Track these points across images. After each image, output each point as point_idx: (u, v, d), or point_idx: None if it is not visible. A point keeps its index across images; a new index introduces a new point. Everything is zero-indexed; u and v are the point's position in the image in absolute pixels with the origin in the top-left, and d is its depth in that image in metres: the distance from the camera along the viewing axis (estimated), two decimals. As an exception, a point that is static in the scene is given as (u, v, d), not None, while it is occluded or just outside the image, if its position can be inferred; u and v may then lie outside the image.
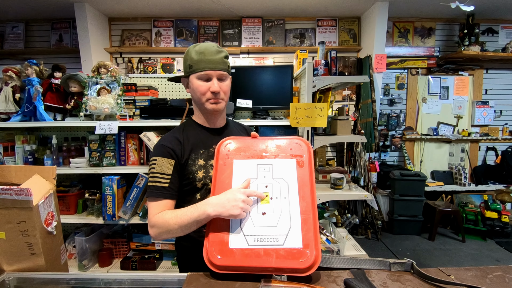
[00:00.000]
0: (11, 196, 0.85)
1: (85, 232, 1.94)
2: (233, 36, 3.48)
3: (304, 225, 0.72)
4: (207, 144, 0.96)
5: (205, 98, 0.92)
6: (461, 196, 3.51)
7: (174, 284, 0.79)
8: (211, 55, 0.89)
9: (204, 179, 0.92)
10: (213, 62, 0.89)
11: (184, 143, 0.93)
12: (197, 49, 0.90)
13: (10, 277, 0.83)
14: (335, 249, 1.92)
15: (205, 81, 0.91)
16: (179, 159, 0.91)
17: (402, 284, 0.72)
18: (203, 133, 0.98)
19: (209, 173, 0.92)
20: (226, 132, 1.03)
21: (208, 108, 0.94)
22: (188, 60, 0.93)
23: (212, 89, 0.90)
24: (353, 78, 2.36)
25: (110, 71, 1.87)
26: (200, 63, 0.89)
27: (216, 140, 0.93)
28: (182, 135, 0.95)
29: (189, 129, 0.99)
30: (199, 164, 0.92)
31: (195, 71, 0.90)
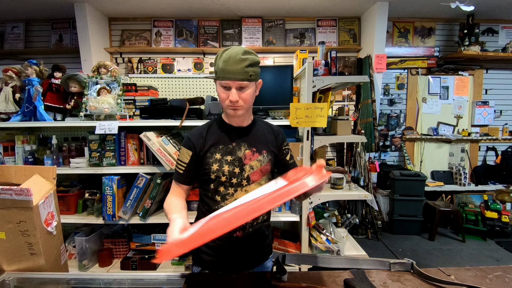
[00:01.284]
0: (11, 196, 0.85)
1: (85, 232, 1.94)
2: (233, 36, 3.48)
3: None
4: (227, 141, 1.02)
5: (225, 104, 0.97)
6: (461, 196, 3.51)
7: (174, 284, 0.79)
8: (233, 64, 0.90)
9: (217, 172, 0.98)
10: (233, 72, 0.90)
11: (206, 138, 1.02)
12: (224, 56, 0.91)
13: (10, 277, 0.83)
14: (335, 249, 1.92)
15: (225, 89, 0.94)
16: (197, 152, 1.01)
17: (402, 284, 0.72)
18: (226, 130, 1.04)
19: (222, 167, 0.98)
20: (251, 131, 1.07)
21: (228, 113, 0.99)
22: (216, 65, 0.96)
23: (230, 99, 0.93)
24: (353, 78, 2.35)
25: (110, 71, 1.87)
26: (222, 72, 0.92)
27: (237, 137, 1.03)
28: (207, 130, 1.04)
29: (215, 125, 1.06)
30: (216, 157, 0.99)
31: (218, 78, 0.94)
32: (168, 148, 1.75)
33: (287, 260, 0.85)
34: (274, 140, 1.10)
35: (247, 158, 1.01)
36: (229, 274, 0.79)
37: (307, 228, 1.91)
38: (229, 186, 1.00)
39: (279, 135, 1.13)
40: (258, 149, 1.04)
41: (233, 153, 1.01)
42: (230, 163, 0.99)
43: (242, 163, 1.00)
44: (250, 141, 1.04)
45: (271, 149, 1.07)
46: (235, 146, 1.02)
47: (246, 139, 1.04)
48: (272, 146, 1.08)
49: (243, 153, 1.01)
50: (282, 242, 2.02)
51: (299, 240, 2.04)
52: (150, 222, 1.89)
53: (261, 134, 1.08)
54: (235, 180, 1.00)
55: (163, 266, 1.96)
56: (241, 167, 1.00)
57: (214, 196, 1.01)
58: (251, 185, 1.01)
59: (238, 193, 1.00)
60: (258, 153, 1.03)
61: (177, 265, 1.96)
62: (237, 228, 0.97)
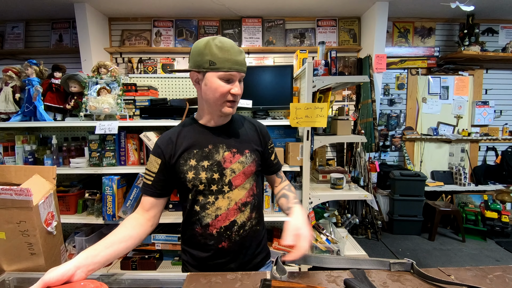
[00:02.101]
0: (11, 196, 0.85)
1: (85, 232, 1.94)
2: (233, 36, 3.48)
3: None
4: (202, 144, 0.90)
5: (224, 100, 0.86)
6: (461, 196, 3.51)
7: (174, 284, 0.79)
8: (236, 55, 0.83)
9: (193, 180, 0.87)
10: (239, 63, 0.83)
11: (177, 143, 0.90)
12: (220, 45, 0.81)
13: (10, 277, 0.84)
14: (335, 249, 1.92)
15: (225, 82, 0.84)
16: (166, 159, 0.89)
17: (402, 284, 0.72)
18: (200, 132, 0.93)
19: (199, 174, 0.87)
20: (228, 129, 0.95)
21: (224, 111, 0.88)
22: (207, 54, 0.81)
23: (234, 92, 0.85)
24: (353, 78, 2.35)
25: (110, 71, 1.87)
26: (225, 62, 0.81)
27: (214, 139, 0.91)
28: (177, 135, 0.92)
29: (187, 128, 0.94)
30: (190, 164, 0.88)
31: (219, 69, 0.82)
32: (168, 148, 1.75)
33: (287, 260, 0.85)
34: (257, 137, 1.00)
35: (227, 161, 0.90)
36: (230, 274, 0.79)
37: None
38: (208, 195, 0.89)
39: (262, 131, 1.02)
40: (239, 149, 0.92)
41: (210, 157, 0.89)
42: (207, 169, 0.88)
43: (222, 167, 0.89)
44: (229, 141, 0.92)
45: (254, 148, 0.96)
46: (212, 149, 0.90)
47: (224, 139, 0.92)
48: (256, 144, 0.98)
49: (221, 156, 0.90)
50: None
51: (299, 240, 2.04)
52: (150, 222, 1.88)
53: (242, 132, 0.96)
54: (215, 187, 0.89)
55: (163, 266, 1.96)
56: (221, 172, 0.89)
57: (193, 207, 0.90)
58: (234, 190, 0.90)
59: (219, 201, 0.89)
60: (240, 153, 0.92)
61: (177, 265, 1.96)
62: (222, 238, 0.90)
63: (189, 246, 0.96)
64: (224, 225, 0.90)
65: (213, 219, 0.89)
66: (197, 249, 0.93)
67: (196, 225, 0.91)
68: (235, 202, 0.91)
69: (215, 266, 0.92)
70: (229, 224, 0.90)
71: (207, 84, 0.85)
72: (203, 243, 0.91)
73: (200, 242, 0.92)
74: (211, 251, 0.91)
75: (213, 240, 0.90)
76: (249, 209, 0.94)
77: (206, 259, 0.92)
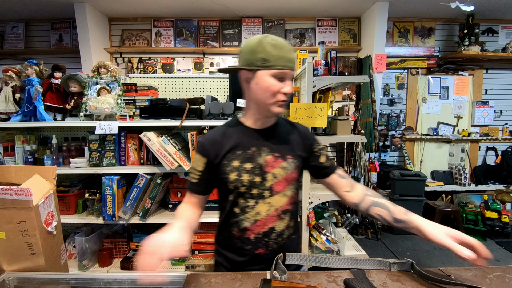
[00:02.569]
0: (11, 196, 0.85)
1: (85, 232, 1.94)
2: (233, 36, 3.48)
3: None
4: (246, 146, 0.89)
5: (275, 99, 0.83)
6: (461, 196, 3.51)
7: (174, 284, 0.79)
8: (289, 52, 0.81)
9: (236, 181, 0.86)
10: (291, 61, 0.81)
11: (222, 143, 0.89)
12: (274, 43, 0.79)
13: (10, 277, 0.83)
14: (335, 249, 1.92)
15: (278, 80, 0.82)
16: (211, 158, 0.89)
17: (402, 284, 0.72)
18: (245, 133, 0.91)
19: (241, 176, 0.85)
20: (272, 132, 0.93)
21: (273, 110, 0.85)
22: (260, 52, 0.79)
23: (285, 91, 0.82)
24: (353, 78, 2.35)
25: (110, 71, 1.87)
26: (279, 60, 0.79)
27: (257, 141, 0.90)
28: (222, 135, 0.91)
29: (232, 128, 0.93)
30: (233, 165, 0.86)
31: (272, 67, 0.80)
32: (168, 148, 1.75)
33: (287, 260, 0.85)
34: (301, 142, 0.95)
35: (269, 165, 0.87)
36: (230, 274, 0.79)
37: (307, 228, 1.91)
38: (249, 198, 0.87)
39: (307, 135, 0.97)
40: (281, 154, 0.89)
41: (253, 159, 0.87)
42: (249, 172, 0.86)
43: (263, 171, 0.87)
44: (272, 145, 0.90)
45: (298, 154, 0.93)
46: (255, 151, 0.88)
47: (267, 142, 0.90)
48: (300, 149, 0.94)
49: (264, 160, 0.87)
50: (282, 242, 2.02)
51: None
52: (150, 222, 1.89)
53: (285, 136, 0.93)
54: (256, 191, 0.86)
55: (163, 266, 1.96)
56: (263, 175, 0.86)
57: (233, 208, 0.89)
58: (275, 196, 0.88)
59: (259, 205, 0.87)
60: (282, 159, 0.89)
61: (177, 265, 1.96)
62: (260, 244, 0.87)
63: (224, 248, 0.94)
64: (262, 231, 0.87)
65: (252, 223, 0.87)
66: (232, 252, 0.91)
67: (233, 227, 0.90)
68: (275, 208, 0.88)
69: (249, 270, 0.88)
70: (268, 230, 0.88)
71: (258, 83, 0.83)
72: (239, 247, 0.89)
73: (236, 246, 0.90)
74: (247, 256, 0.89)
75: (250, 245, 0.88)
76: (289, 217, 0.92)
77: (242, 263, 0.90)
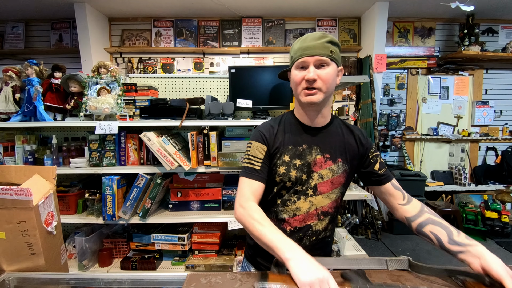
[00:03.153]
0: (11, 196, 0.85)
1: (85, 232, 1.94)
2: (233, 36, 3.48)
3: None
4: (298, 142, 0.88)
5: (300, 88, 0.84)
6: (461, 196, 3.51)
7: (174, 284, 0.79)
8: (311, 41, 0.81)
9: (283, 176, 0.87)
10: (311, 48, 0.80)
11: (277, 134, 0.90)
12: (301, 39, 0.84)
13: (10, 277, 0.84)
14: (335, 249, 1.92)
15: (301, 70, 0.83)
16: (270, 147, 0.89)
17: (402, 284, 0.72)
18: (298, 129, 0.91)
19: (290, 171, 0.86)
20: (325, 132, 0.91)
21: (302, 100, 0.84)
22: (291, 51, 0.87)
23: (306, 77, 0.81)
24: (353, 78, 2.36)
25: (110, 71, 1.87)
26: (298, 51, 0.82)
27: (309, 139, 0.89)
28: (278, 126, 0.91)
29: (286, 122, 0.93)
30: (283, 159, 0.87)
31: (294, 60, 0.84)
32: (168, 148, 1.75)
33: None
34: (356, 146, 0.92)
35: (317, 164, 0.87)
36: (229, 274, 0.79)
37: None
38: (292, 193, 0.88)
39: (362, 140, 0.93)
40: (332, 156, 0.88)
41: (303, 156, 0.87)
42: (298, 168, 0.86)
43: (311, 170, 0.87)
44: (324, 145, 0.89)
45: (349, 158, 0.91)
46: (306, 149, 0.88)
47: (319, 142, 0.89)
48: (352, 154, 0.91)
49: (313, 158, 0.87)
50: (282, 242, 2.02)
51: (299, 240, 2.04)
52: (150, 222, 1.89)
53: (339, 138, 0.91)
54: (300, 188, 0.87)
55: (163, 266, 1.96)
56: (309, 174, 0.87)
57: (275, 198, 0.90)
58: (317, 196, 0.88)
59: (300, 202, 0.87)
60: (332, 161, 0.88)
61: (177, 265, 1.96)
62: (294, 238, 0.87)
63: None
64: (299, 226, 0.88)
65: (290, 216, 0.88)
66: None
67: (272, 215, 0.90)
68: (316, 208, 0.88)
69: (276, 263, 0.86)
70: (304, 227, 0.88)
71: (291, 79, 0.88)
72: None
73: None
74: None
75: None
76: (328, 219, 0.91)
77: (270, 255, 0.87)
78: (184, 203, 1.97)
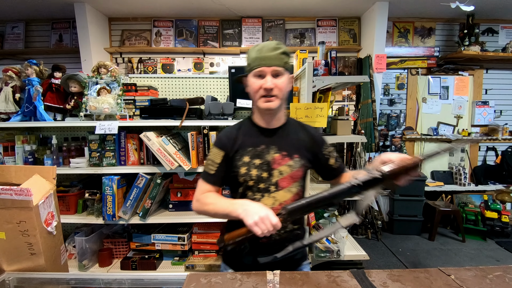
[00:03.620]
0: (11, 196, 0.85)
1: (85, 232, 1.94)
2: (233, 36, 3.48)
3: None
4: (256, 143, 0.97)
5: (258, 95, 0.92)
6: (461, 196, 3.51)
7: (174, 284, 0.79)
8: (267, 51, 0.89)
9: (245, 175, 0.93)
10: (268, 58, 0.89)
11: (236, 138, 0.97)
12: (257, 48, 0.92)
13: (10, 277, 0.84)
14: (335, 249, 1.92)
15: (259, 78, 0.91)
16: (228, 152, 0.96)
17: (402, 284, 0.72)
18: (255, 132, 0.99)
19: (250, 171, 0.93)
20: (281, 133, 1.00)
21: (261, 106, 0.92)
22: (247, 60, 0.94)
23: (264, 86, 0.89)
24: (353, 78, 2.36)
25: (110, 71, 1.87)
26: (255, 61, 0.90)
27: (267, 140, 0.97)
28: (237, 131, 1.00)
29: (245, 126, 1.02)
30: (244, 160, 0.95)
31: (252, 68, 0.91)
32: (168, 148, 1.75)
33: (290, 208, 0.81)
34: (310, 143, 1.01)
35: (276, 162, 0.95)
36: (229, 274, 0.79)
37: (307, 228, 1.91)
38: (256, 191, 0.94)
39: (315, 137, 1.03)
40: (289, 153, 0.96)
41: (262, 156, 0.95)
42: (258, 167, 0.94)
43: (271, 168, 0.94)
44: (281, 144, 0.97)
45: (304, 154, 0.99)
46: (264, 149, 0.96)
47: (276, 141, 0.97)
48: (307, 150, 1.00)
49: (272, 157, 0.95)
50: (282, 242, 2.02)
51: (299, 240, 2.04)
52: (150, 222, 1.89)
53: (294, 137, 1.00)
54: (263, 185, 0.94)
55: (163, 266, 1.96)
56: (269, 171, 0.94)
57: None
58: (280, 191, 0.94)
59: (265, 199, 0.94)
60: (289, 157, 0.96)
61: (177, 265, 1.96)
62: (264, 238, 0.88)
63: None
64: None
65: None
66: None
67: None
68: (280, 202, 0.94)
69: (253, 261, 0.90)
70: None
71: (248, 85, 0.96)
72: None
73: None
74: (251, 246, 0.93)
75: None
76: None
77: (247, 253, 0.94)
78: (184, 203, 1.97)
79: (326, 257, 1.93)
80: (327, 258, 1.93)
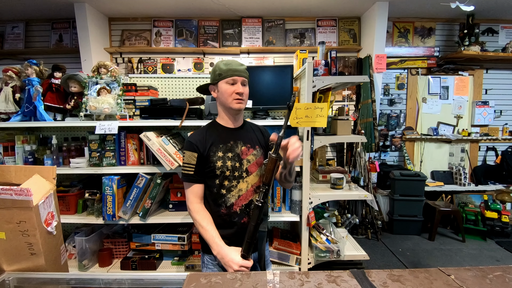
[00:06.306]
0: (11, 196, 0.85)
1: (85, 232, 1.94)
2: (233, 36, 3.48)
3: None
4: (226, 140, 1.17)
5: (232, 98, 1.13)
6: (461, 196, 3.51)
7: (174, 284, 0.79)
8: (236, 66, 1.14)
9: (222, 167, 1.13)
10: (238, 71, 1.14)
11: (206, 139, 1.15)
12: (225, 62, 1.15)
13: (10, 277, 0.84)
14: (335, 249, 1.92)
15: (231, 85, 1.13)
16: (201, 152, 1.13)
17: (402, 284, 0.72)
18: (222, 131, 1.19)
19: (226, 163, 1.13)
20: (243, 130, 1.23)
21: (234, 107, 1.14)
22: (217, 70, 1.15)
23: (237, 91, 1.12)
24: (353, 78, 2.36)
25: (110, 71, 1.87)
26: (228, 71, 1.12)
27: (233, 136, 1.18)
28: (206, 133, 1.18)
29: (212, 128, 1.21)
30: (218, 155, 1.13)
31: (225, 77, 1.13)
32: (168, 148, 1.75)
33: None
34: (262, 137, 1.28)
35: (243, 153, 1.17)
36: (229, 274, 0.79)
37: (307, 228, 1.91)
38: (232, 179, 1.14)
39: (264, 132, 1.31)
40: (252, 145, 1.20)
41: (232, 150, 1.16)
42: (231, 159, 1.14)
43: (240, 158, 1.16)
44: (244, 139, 1.20)
45: (261, 145, 1.25)
46: (233, 144, 1.17)
47: (240, 137, 1.20)
48: (261, 142, 1.26)
49: (240, 150, 1.17)
50: (282, 242, 2.02)
51: (299, 240, 2.04)
52: (150, 222, 1.89)
53: (252, 133, 1.25)
54: (237, 173, 1.14)
55: (163, 266, 1.96)
56: (240, 161, 1.16)
57: (220, 190, 1.14)
58: (250, 176, 1.17)
59: (240, 184, 1.15)
60: (253, 148, 1.20)
61: (177, 265, 1.96)
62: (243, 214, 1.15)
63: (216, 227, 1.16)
64: (244, 204, 1.15)
65: (237, 199, 1.14)
66: (223, 228, 1.13)
67: (221, 207, 1.14)
68: (251, 185, 1.17)
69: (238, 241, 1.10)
70: (248, 202, 1.16)
71: (220, 90, 1.16)
72: (228, 221, 1.14)
73: (226, 221, 1.14)
74: (235, 227, 1.14)
75: (237, 217, 1.14)
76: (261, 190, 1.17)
77: (232, 235, 1.13)
78: (184, 203, 1.96)
79: (326, 257, 1.93)
80: (327, 258, 1.93)
